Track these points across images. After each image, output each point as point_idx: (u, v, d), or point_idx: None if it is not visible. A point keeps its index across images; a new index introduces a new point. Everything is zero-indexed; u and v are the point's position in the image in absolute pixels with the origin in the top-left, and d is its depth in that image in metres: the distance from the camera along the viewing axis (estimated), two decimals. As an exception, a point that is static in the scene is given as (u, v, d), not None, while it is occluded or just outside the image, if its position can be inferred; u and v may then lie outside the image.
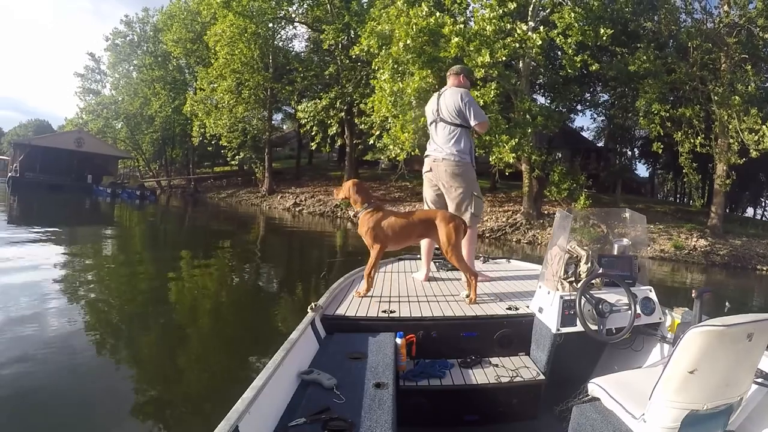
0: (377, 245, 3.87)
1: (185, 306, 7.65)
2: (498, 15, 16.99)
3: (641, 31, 21.35)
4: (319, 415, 1.96)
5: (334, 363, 2.57)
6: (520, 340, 3.46)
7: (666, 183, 45.60)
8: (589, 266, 3.17)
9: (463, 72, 4.80)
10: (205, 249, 13.84)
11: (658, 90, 19.60)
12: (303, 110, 28.11)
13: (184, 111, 36.96)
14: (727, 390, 1.91)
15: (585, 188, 21.88)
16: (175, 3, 41.57)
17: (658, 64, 19.42)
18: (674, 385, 1.84)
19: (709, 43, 19.87)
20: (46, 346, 4.93)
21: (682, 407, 1.85)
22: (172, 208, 32.84)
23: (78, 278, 8.59)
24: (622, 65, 20.17)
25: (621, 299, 3.07)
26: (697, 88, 20.31)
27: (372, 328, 3.23)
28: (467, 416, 3.13)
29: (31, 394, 3.93)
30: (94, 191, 37.23)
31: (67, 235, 13.78)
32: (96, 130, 48.50)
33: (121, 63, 49.95)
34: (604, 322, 2.93)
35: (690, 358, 1.78)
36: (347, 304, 3.73)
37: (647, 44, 20.12)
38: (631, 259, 3.43)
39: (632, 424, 2.04)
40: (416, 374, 3.10)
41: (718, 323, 1.73)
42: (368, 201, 4.01)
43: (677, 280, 14.87)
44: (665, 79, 19.76)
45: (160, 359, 5.20)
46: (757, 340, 1.82)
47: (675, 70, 20.12)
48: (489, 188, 29.50)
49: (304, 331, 2.81)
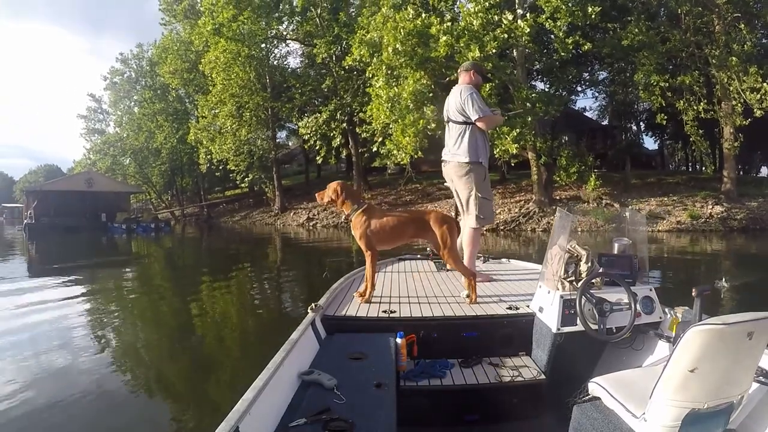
0: (372, 248, 3.84)
1: (207, 327, 7.77)
2: (484, 8, 17.03)
3: (630, 4, 21.17)
4: (319, 416, 1.95)
5: (335, 363, 2.57)
6: (521, 340, 3.44)
7: (676, 153, 45.14)
8: (589, 265, 3.16)
9: (474, 68, 4.73)
10: (224, 271, 13.96)
11: (655, 61, 19.46)
12: (304, 126, 28.32)
13: (188, 140, 37.54)
14: (728, 389, 1.91)
15: (594, 169, 21.82)
16: (167, 35, 42.08)
17: (651, 34, 19.28)
18: (675, 384, 1.84)
19: (699, 6, 19.68)
20: (70, 366, 5.15)
21: (682, 406, 1.85)
22: (188, 236, 33.22)
23: (101, 310, 8.85)
24: (615, 41, 20.02)
25: (621, 298, 3.05)
26: (694, 54, 20.19)
27: (372, 328, 3.24)
28: (468, 416, 3.12)
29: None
30: (109, 229, 37.66)
31: (87, 273, 13.99)
32: (105, 169, 49.43)
33: (121, 100, 51.05)
34: (604, 322, 2.92)
35: (690, 356, 1.77)
36: (347, 304, 3.73)
37: (638, 16, 19.98)
38: (631, 258, 3.41)
39: (633, 423, 2.04)
40: (417, 374, 3.10)
41: (719, 322, 1.72)
42: (357, 202, 3.90)
43: (697, 251, 14.70)
44: (660, 49, 19.63)
45: (185, 379, 5.31)
46: (758, 338, 1.80)
47: (669, 39, 19.99)
48: (498, 180, 29.46)
49: (304, 331, 2.81)
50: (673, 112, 21.39)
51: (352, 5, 29.64)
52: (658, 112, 20.20)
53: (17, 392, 4.62)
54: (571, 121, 33.74)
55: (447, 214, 4.24)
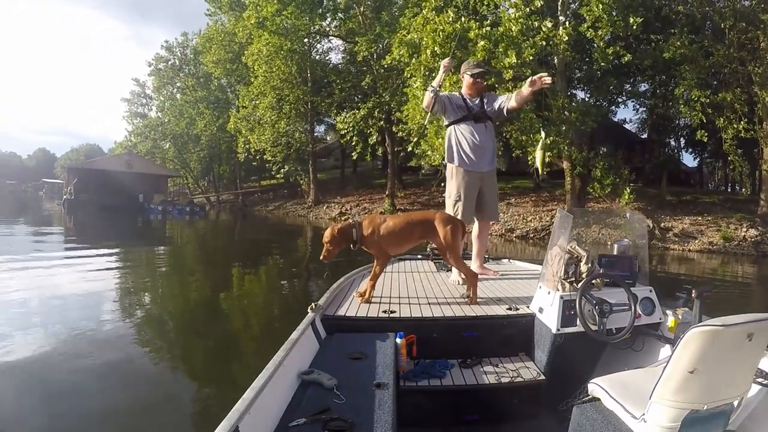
0: (384, 253, 3.89)
1: (231, 309, 8.08)
2: (525, 14, 17.00)
3: (674, 16, 20.70)
4: (319, 416, 1.96)
5: (335, 363, 2.58)
6: (521, 341, 3.46)
7: (716, 172, 43.99)
8: (589, 266, 3.18)
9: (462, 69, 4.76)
10: (254, 258, 14.32)
11: (697, 75, 18.99)
12: (342, 121, 28.50)
13: (228, 129, 38.29)
14: (728, 390, 1.93)
15: (629, 182, 21.48)
16: (212, 26, 42.94)
17: (694, 48, 18.79)
18: (674, 385, 1.85)
19: (744, 22, 19.15)
20: (96, 344, 5.54)
21: (682, 407, 1.86)
22: (222, 222, 34.03)
23: (132, 286, 9.38)
24: (657, 53, 19.59)
25: (621, 299, 3.06)
26: (737, 71, 19.55)
27: (372, 328, 3.25)
28: (467, 416, 3.14)
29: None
30: (146, 209, 38.99)
31: (122, 250, 14.52)
32: (145, 151, 50.76)
33: (164, 86, 52.28)
34: (604, 322, 2.94)
35: (690, 358, 1.78)
36: (347, 304, 3.75)
37: (681, 29, 19.48)
38: (632, 259, 3.43)
39: (632, 424, 2.05)
40: (416, 374, 3.12)
41: (718, 323, 1.73)
42: (352, 224, 3.86)
43: (727, 274, 14.36)
44: (703, 63, 19.15)
45: (206, 364, 5.53)
46: (758, 339, 1.82)
47: (713, 54, 19.43)
48: (532, 188, 29.32)
49: (304, 331, 2.83)
50: (714, 129, 20.79)
51: (395, 5, 29.63)
52: (698, 128, 19.63)
53: (45, 356, 5.01)
54: (610, 132, 33.16)
55: (450, 215, 4.28)
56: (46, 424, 3.72)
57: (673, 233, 20.14)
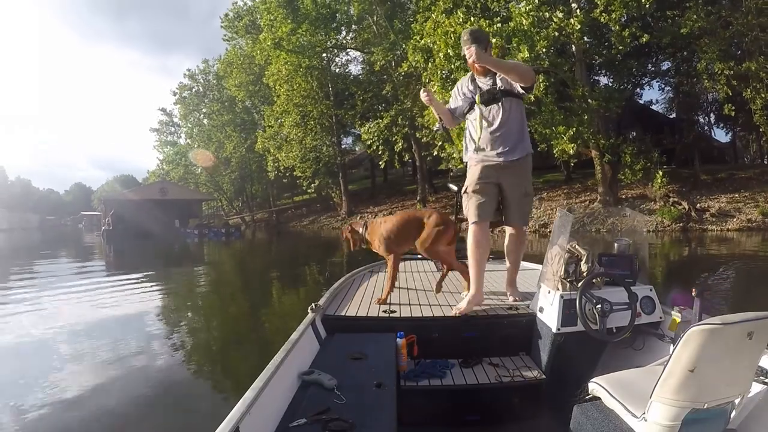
0: (391, 250, 3.98)
1: (270, 326, 8.33)
2: (535, 5, 17.00)
3: None
4: (319, 416, 1.96)
5: (335, 363, 2.58)
6: (521, 340, 3.44)
7: (750, 145, 42.65)
8: (589, 265, 3.16)
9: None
10: (291, 275, 14.54)
11: (718, 48, 18.64)
12: (367, 131, 28.85)
13: (256, 149, 39.24)
14: (728, 388, 1.93)
15: (661, 165, 21.20)
16: (231, 50, 44.05)
17: (711, 20, 18.42)
18: (675, 384, 1.84)
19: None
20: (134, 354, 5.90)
21: (682, 406, 1.86)
22: (258, 240, 34.60)
23: (168, 306, 9.83)
24: (675, 29, 19.22)
25: (621, 298, 3.03)
26: (758, 38, 19.04)
27: (373, 328, 3.25)
28: (468, 416, 3.13)
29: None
30: (182, 234, 39.80)
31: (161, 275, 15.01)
32: (177, 178, 52.36)
33: (191, 113, 53.79)
34: (604, 322, 2.92)
35: (690, 356, 1.77)
36: (348, 304, 3.75)
37: (696, 1, 19.04)
38: (632, 258, 3.41)
39: (633, 423, 2.05)
40: (417, 374, 3.10)
41: (719, 322, 1.74)
42: (360, 225, 4.16)
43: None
44: (723, 34, 18.78)
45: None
46: (758, 338, 1.81)
47: (731, 24, 19.00)
48: (564, 180, 29.19)
49: (304, 331, 2.82)
50: (743, 101, 20.39)
51: (407, 11, 29.86)
52: (725, 102, 19.27)
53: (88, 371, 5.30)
54: (638, 116, 32.42)
55: (444, 215, 4.15)
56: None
57: (710, 213, 19.76)
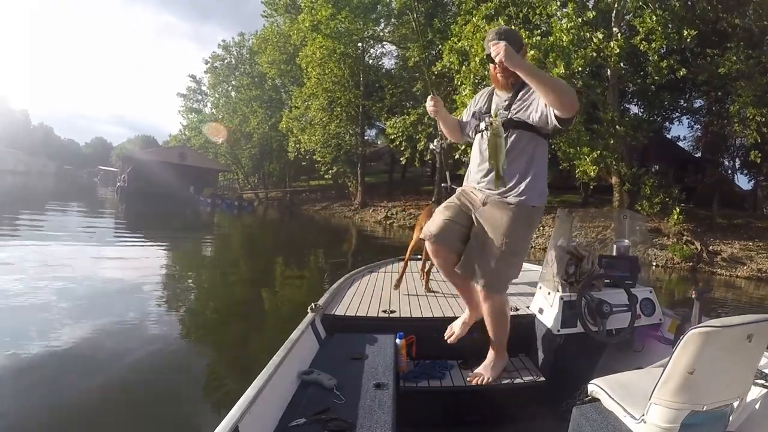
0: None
1: (269, 304, 8.43)
2: (577, 24, 16.91)
3: (731, 30, 19.88)
4: (319, 416, 1.97)
5: (335, 363, 2.59)
6: (521, 341, 3.41)
7: (772, 195, 42.06)
8: (589, 267, 3.19)
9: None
10: (298, 256, 14.66)
11: (753, 92, 18.30)
12: (392, 125, 28.70)
13: (280, 128, 39.09)
14: (727, 390, 1.93)
15: (680, 202, 21.08)
16: (268, 27, 44.04)
17: (750, 64, 18.11)
18: (674, 386, 1.84)
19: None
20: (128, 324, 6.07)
21: (681, 408, 1.86)
22: (269, 218, 34.91)
23: (171, 269, 10.16)
24: (713, 68, 18.97)
25: (621, 300, 3.08)
26: None
27: (372, 328, 3.25)
28: (467, 417, 3.15)
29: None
30: (196, 201, 40.32)
31: (171, 237, 15.25)
32: (198, 146, 52.51)
33: (220, 84, 54.08)
34: (604, 323, 2.95)
35: (690, 358, 1.78)
36: (348, 304, 3.76)
37: (737, 43, 18.77)
38: (632, 260, 3.45)
39: (632, 424, 2.04)
40: (416, 375, 3.11)
41: (718, 324, 1.73)
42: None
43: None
44: (760, 80, 18.40)
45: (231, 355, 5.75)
46: (757, 340, 1.82)
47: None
48: (580, 203, 29.00)
49: (304, 331, 2.82)
50: (770, 151, 20.16)
51: (448, 12, 29.75)
52: (752, 148, 19.11)
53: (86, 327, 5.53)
54: (663, 149, 32.13)
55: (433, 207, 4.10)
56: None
57: (721, 257, 19.60)
